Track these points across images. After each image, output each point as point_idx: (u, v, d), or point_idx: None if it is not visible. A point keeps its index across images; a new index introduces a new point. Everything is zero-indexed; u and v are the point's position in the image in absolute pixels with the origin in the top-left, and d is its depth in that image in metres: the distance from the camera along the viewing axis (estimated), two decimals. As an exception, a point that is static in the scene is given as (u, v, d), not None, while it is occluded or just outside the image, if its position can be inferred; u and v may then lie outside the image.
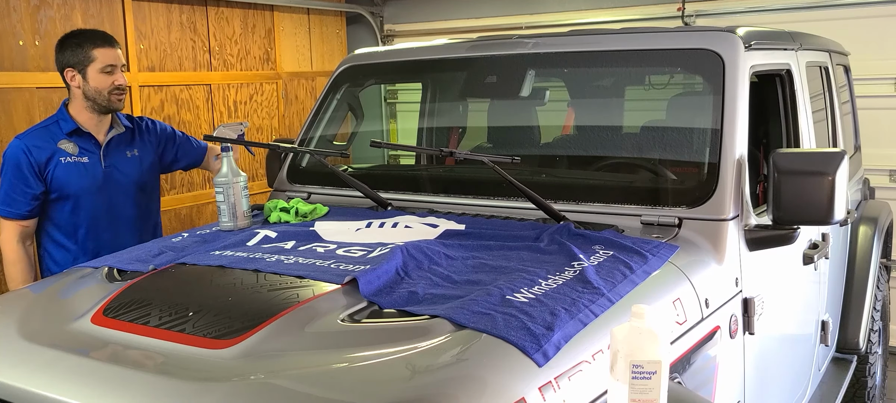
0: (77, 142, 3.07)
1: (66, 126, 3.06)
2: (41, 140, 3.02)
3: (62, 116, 3.08)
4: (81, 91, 3.05)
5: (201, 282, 2.15)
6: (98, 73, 3.03)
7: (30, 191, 2.99)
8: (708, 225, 2.35)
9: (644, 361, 1.44)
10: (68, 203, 3.06)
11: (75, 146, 3.06)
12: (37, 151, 2.99)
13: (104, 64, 3.04)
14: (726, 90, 2.48)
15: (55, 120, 3.09)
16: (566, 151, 3.12)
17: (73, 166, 3.04)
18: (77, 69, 3.04)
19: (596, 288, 1.92)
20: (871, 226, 3.89)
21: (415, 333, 1.70)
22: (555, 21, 5.95)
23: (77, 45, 3.04)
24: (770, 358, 2.65)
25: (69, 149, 3.05)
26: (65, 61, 3.05)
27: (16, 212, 3.00)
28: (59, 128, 3.06)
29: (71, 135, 3.06)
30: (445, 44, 3.39)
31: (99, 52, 3.04)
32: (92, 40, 3.05)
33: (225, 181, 2.70)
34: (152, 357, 1.70)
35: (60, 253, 3.09)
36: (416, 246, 2.19)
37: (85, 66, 3.03)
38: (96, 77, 3.03)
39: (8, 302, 2.17)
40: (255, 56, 5.85)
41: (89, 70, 3.03)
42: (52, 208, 3.07)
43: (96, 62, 3.03)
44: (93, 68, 3.03)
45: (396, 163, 4.30)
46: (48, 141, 3.03)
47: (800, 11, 5.10)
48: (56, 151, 3.02)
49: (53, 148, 3.02)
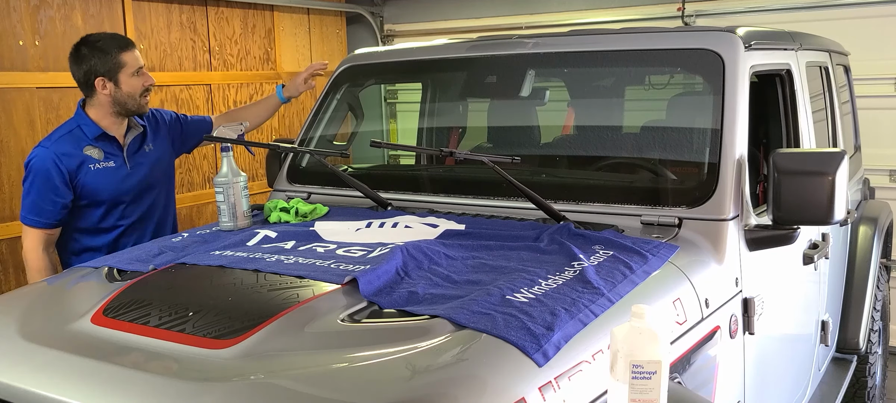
0: (102, 146, 3.05)
1: (90, 131, 3.02)
2: (68, 147, 2.98)
3: (83, 121, 3.04)
4: (111, 98, 3.01)
5: (201, 282, 2.15)
6: (130, 77, 3.01)
7: (60, 201, 2.95)
8: (708, 225, 2.35)
9: (644, 361, 1.44)
10: (100, 209, 3.04)
11: (100, 151, 3.04)
12: (67, 159, 2.95)
13: (134, 68, 3.02)
14: (726, 90, 2.48)
15: (76, 124, 3.04)
16: (566, 151, 3.12)
17: (102, 172, 3.02)
18: (108, 77, 2.98)
19: (596, 288, 1.92)
20: (871, 226, 3.89)
21: (415, 333, 1.70)
22: (555, 21, 5.95)
23: (102, 53, 2.98)
24: (770, 358, 2.65)
25: (95, 154, 3.02)
26: (93, 70, 2.98)
27: (44, 222, 2.96)
28: (83, 134, 3.02)
29: (96, 140, 3.03)
30: (445, 44, 3.39)
31: (127, 57, 3.01)
32: (115, 45, 3.01)
33: (225, 181, 2.70)
34: (152, 357, 1.70)
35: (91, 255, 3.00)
36: (416, 246, 2.19)
37: (115, 72, 2.98)
38: (129, 81, 3.01)
39: (8, 302, 2.17)
40: (255, 56, 5.85)
41: (121, 76, 2.99)
42: (82, 214, 3.04)
43: (127, 67, 3.00)
44: (124, 74, 3.00)
45: (396, 163, 4.30)
46: (75, 147, 2.99)
47: (800, 11, 5.10)
48: (85, 159, 2.99)
49: (82, 155, 2.99)
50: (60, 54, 4.51)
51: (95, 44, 3.00)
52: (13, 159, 4.30)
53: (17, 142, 4.31)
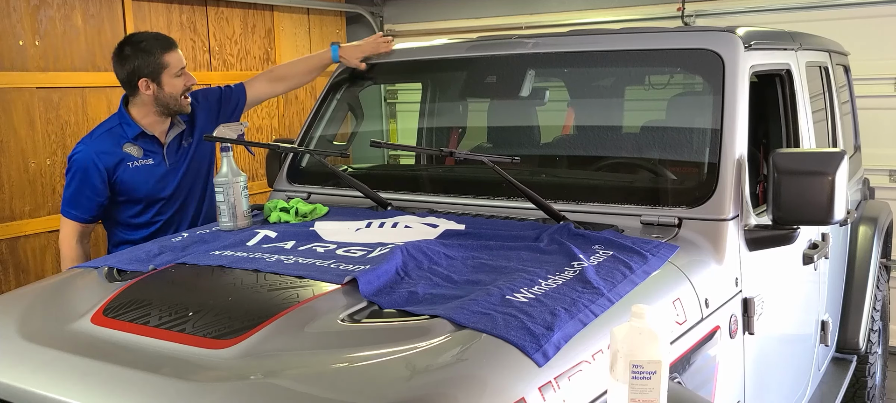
0: (141, 144, 3.08)
1: (130, 130, 3.06)
2: (107, 145, 3.03)
3: (125, 120, 3.07)
4: (154, 98, 3.04)
5: (201, 282, 2.15)
6: (173, 78, 3.04)
7: (97, 198, 3.01)
8: (708, 225, 2.35)
9: (644, 361, 1.44)
10: (138, 205, 3.09)
11: (140, 149, 3.07)
12: (105, 157, 3.00)
13: (177, 68, 3.04)
14: (726, 90, 2.48)
15: (118, 123, 3.08)
16: (566, 151, 3.12)
17: (141, 170, 3.06)
18: (151, 78, 3.01)
19: (596, 288, 1.92)
20: (871, 226, 3.89)
21: (415, 333, 1.69)
22: (555, 21, 5.95)
23: (146, 53, 3.00)
24: (770, 358, 2.65)
25: (134, 152, 3.06)
26: (137, 71, 3.00)
27: (80, 216, 3.03)
28: (123, 132, 3.06)
29: (136, 139, 3.07)
30: (445, 44, 3.39)
31: (170, 57, 3.03)
32: (159, 46, 3.03)
33: (225, 181, 2.70)
34: (152, 357, 1.70)
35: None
36: (416, 246, 2.19)
37: (159, 73, 3.01)
38: (171, 82, 3.04)
39: (8, 302, 2.17)
40: (255, 56, 5.85)
41: (164, 77, 3.02)
42: (122, 209, 3.10)
43: (170, 68, 3.03)
44: (167, 74, 3.02)
45: (396, 163, 4.30)
46: (114, 145, 3.03)
47: (800, 11, 5.10)
48: (123, 156, 3.03)
49: (120, 153, 3.03)
50: (60, 54, 4.51)
51: (139, 44, 3.03)
52: (13, 159, 4.30)
53: (17, 142, 4.31)
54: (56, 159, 4.48)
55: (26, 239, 4.37)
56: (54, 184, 4.49)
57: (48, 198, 4.46)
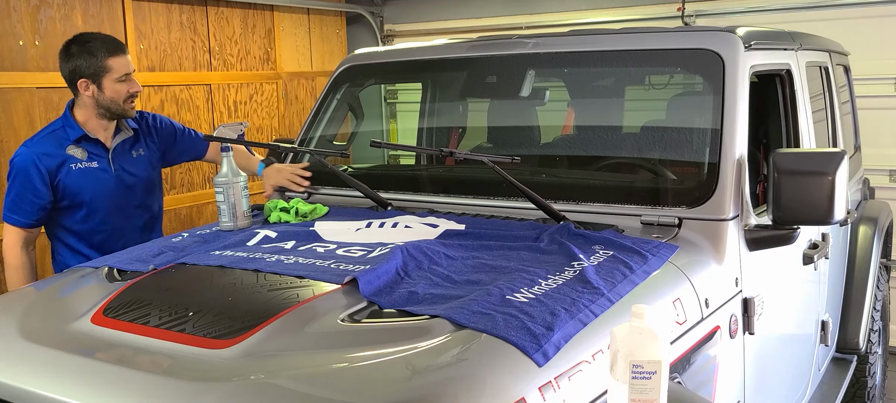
0: (85, 147, 3.01)
1: (73, 132, 3.00)
2: (50, 147, 2.96)
3: (68, 122, 3.01)
4: (94, 100, 2.98)
5: (201, 282, 2.15)
6: (114, 83, 2.97)
7: (38, 201, 2.94)
8: (708, 225, 2.35)
9: (644, 361, 1.44)
10: (81, 210, 3.02)
11: (84, 151, 3.00)
12: (47, 159, 2.93)
13: (120, 73, 2.97)
14: (726, 90, 2.48)
15: (61, 125, 3.02)
16: (566, 151, 3.12)
17: (84, 172, 2.99)
18: (91, 80, 2.95)
19: (596, 288, 1.92)
20: (871, 226, 3.89)
21: (415, 333, 1.70)
22: (555, 21, 5.95)
23: (89, 54, 2.94)
24: (770, 358, 2.65)
25: (78, 154, 2.99)
26: (77, 70, 2.94)
27: (22, 221, 2.95)
28: (66, 135, 3.00)
29: (79, 142, 3.01)
30: (445, 44, 3.39)
31: (114, 62, 2.96)
32: (105, 49, 2.96)
33: (225, 181, 2.70)
34: (152, 357, 1.70)
35: (77, 259, 2.99)
36: (416, 246, 2.19)
37: (100, 76, 2.95)
38: (112, 87, 2.97)
39: (8, 302, 2.17)
40: (255, 56, 5.85)
41: (105, 80, 2.95)
42: (65, 215, 3.03)
43: (112, 72, 2.96)
44: (108, 78, 2.96)
45: (396, 163, 4.30)
46: (57, 147, 2.97)
47: (800, 11, 5.10)
48: (66, 158, 2.96)
49: (63, 155, 2.96)
50: (60, 54, 4.52)
51: (85, 44, 2.96)
52: (13, 159, 4.31)
53: (17, 142, 4.29)
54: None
55: (26, 239, 4.36)
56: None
57: (48, 198, 4.45)
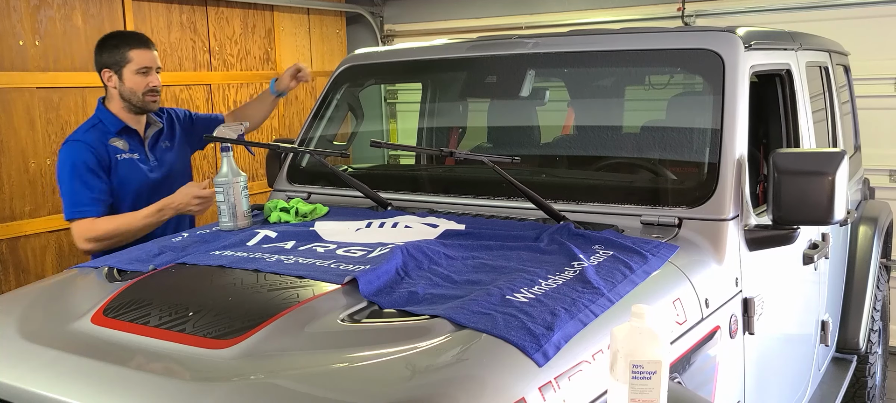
0: (126, 138, 3.14)
1: (113, 125, 3.12)
2: (94, 140, 3.07)
3: (105, 116, 3.14)
4: (117, 91, 3.12)
5: (201, 282, 2.15)
6: (133, 74, 3.11)
7: (98, 184, 3.01)
8: (708, 225, 2.35)
9: (644, 361, 1.44)
10: (126, 201, 3.10)
11: (125, 143, 3.13)
12: (96, 149, 3.03)
13: (140, 65, 3.11)
14: (726, 90, 2.48)
15: (98, 119, 3.14)
16: (566, 151, 3.12)
17: (128, 163, 3.11)
18: (113, 70, 3.11)
19: (596, 288, 1.92)
20: (871, 226, 3.89)
21: (415, 333, 1.69)
22: (555, 21, 5.95)
23: (114, 46, 3.12)
24: (770, 358, 2.65)
25: (121, 146, 3.11)
26: (102, 62, 3.13)
27: (92, 210, 2.99)
28: (106, 128, 3.11)
29: (120, 134, 3.12)
30: (445, 44, 3.39)
31: (135, 54, 3.11)
32: (129, 42, 3.14)
33: (225, 181, 2.70)
34: (152, 357, 1.70)
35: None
36: (416, 246, 2.19)
37: (121, 66, 3.11)
38: (131, 78, 3.11)
39: (8, 302, 2.17)
40: (255, 56, 5.85)
41: (125, 71, 3.10)
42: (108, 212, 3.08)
43: (132, 63, 3.11)
44: (128, 69, 3.11)
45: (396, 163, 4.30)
46: (100, 140, 3.08)
47: (800, 11, 5.10)
48: (111, 149, 3.08)
49: (109, 146, 3.08)
50: (60, 54, 4.51)
51: (113, 38, 3.17)
52: (13, 159, 4.30)
53: (17, 142, 4.31)
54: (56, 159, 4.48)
55: (26, 239, 4.36)
56: (54, 184, 4.47)
57: (48, 198, 4.46)
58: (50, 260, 4.48)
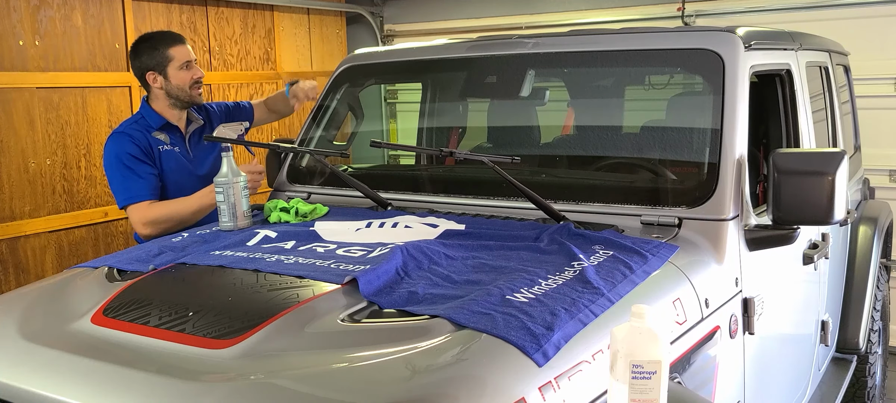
0: (167, 133, 3.22)
1: (154, 120, 3.21)
2: (137, 132, 3.15)
3: (148, 113, 3.23)
4: (164, 91, 3.20)
5: (201, 282, 2.15)
6: (178, 71, 3.20)
7: (147, 168, 3.09)
8: (708, 225, 2.35)
9: (644, 361, 1.44)
10: (166, 193, 3.17)
11: (166, 136, 3.21)
12: (140, 139, 3.12)
13: (182, 61, 3.22)
14: (726, 90, 2.48)
15: (141, 116, 3.24)
16: (566, 151, 3.12)
17: (170, 154, 3.19)
18: (157, 71, 3.20)
19: (596, 288, 1.92)
20: (871, 226, 3.89)
21: (415, 333, 1.70)
22: (555, 21, 5.95)
23: (152, 48, 3.20)
24: (770, 358, 2.65)
25: (162, 138, 3.20)
26: (144, 66, 3.20)
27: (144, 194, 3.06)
28: (148, 123, 3.20)
29: (161, 129, 3.21)
30: (445, 44, 3.39)
31: (175, 51, 3.21)
32: (165, 41, 3.22)
33: (225, 181, 2.70)
34: (152, 357, 1.70)
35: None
36: (416, 246, 2.19)
37: (164, 66, 3.19)
38: (177, 74, 3.20)
39: (8, 302, 2.17)
40: (255, 56, 5.84)
41: (169, 69, 3.20)
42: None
43: (175, 61, 3.20)
44: (172, 67, 3.20)
45: (396, 163, 4.30)
46: (143, 133, 3.16)
47: (800, 11, 5.10)
48: (153, 141, 3.17)
49: (151, 138, 3.17)
50: (60, 54, 4.51)
51: (148, 40, 3.25)
52: (13, 159, 4.30)
53: (17, 142, 4.31)
54: (56, 159, 4.48)
55: (26, 239, 4.36)
56: (54, 184, 4.49)
57: (48, 198, 4.46)
58: (50, 260, 4.48)
